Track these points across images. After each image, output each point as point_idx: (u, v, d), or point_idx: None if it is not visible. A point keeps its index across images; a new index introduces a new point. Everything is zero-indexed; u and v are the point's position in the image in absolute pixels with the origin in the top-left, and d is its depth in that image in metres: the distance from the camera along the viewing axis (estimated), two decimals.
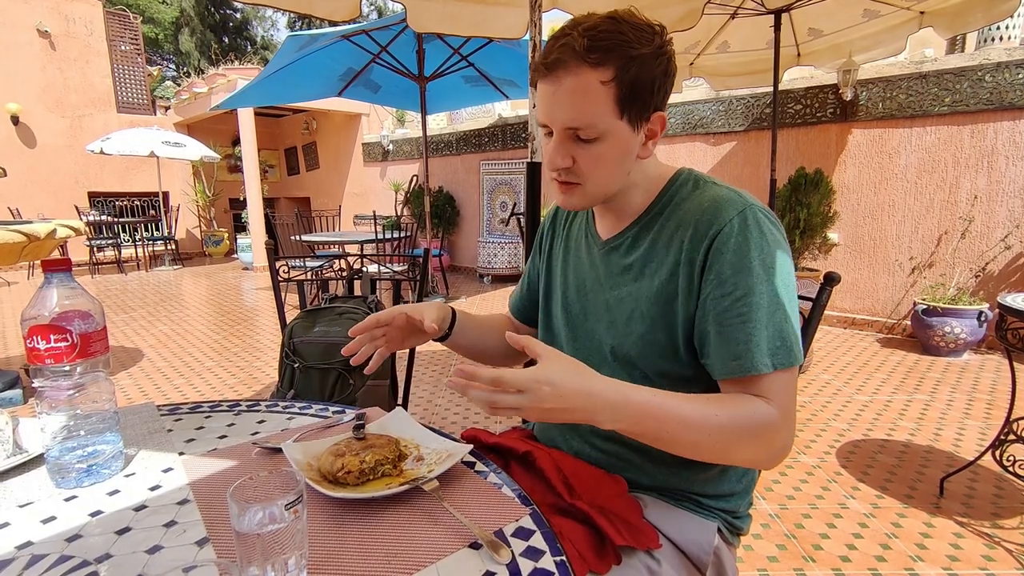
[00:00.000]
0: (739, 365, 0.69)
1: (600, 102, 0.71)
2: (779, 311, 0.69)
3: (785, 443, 0.68)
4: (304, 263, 3.36)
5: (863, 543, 1.69)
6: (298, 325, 1.58)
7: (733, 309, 0.69)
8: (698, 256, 0.72)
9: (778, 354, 0.68)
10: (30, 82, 8.34)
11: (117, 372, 3.50)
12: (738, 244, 0.70)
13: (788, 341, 0.69)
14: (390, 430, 0.82)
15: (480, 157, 7.22)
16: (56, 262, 0.69)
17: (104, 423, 0.73)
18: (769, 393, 0.68)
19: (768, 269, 0.70)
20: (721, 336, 0.70)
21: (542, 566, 0.55)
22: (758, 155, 4.65)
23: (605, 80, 0.70)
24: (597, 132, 0.72)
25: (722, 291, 0.70)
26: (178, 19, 20.00)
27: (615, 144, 0.74)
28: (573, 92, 0.71)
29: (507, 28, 2.42)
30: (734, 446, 0.67)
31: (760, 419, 0.67)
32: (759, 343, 0.68)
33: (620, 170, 0.77)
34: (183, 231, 10.10)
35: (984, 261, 3.68)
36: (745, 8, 3.19)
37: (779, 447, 0.68)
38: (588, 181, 0.77)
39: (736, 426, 0.66)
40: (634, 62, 0.70)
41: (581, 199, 0.79)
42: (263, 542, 0.48)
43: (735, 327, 0.69)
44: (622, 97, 0.71)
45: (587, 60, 0.69)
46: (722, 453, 0.68)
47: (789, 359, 0.68)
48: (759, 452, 0.68)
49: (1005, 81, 3.49)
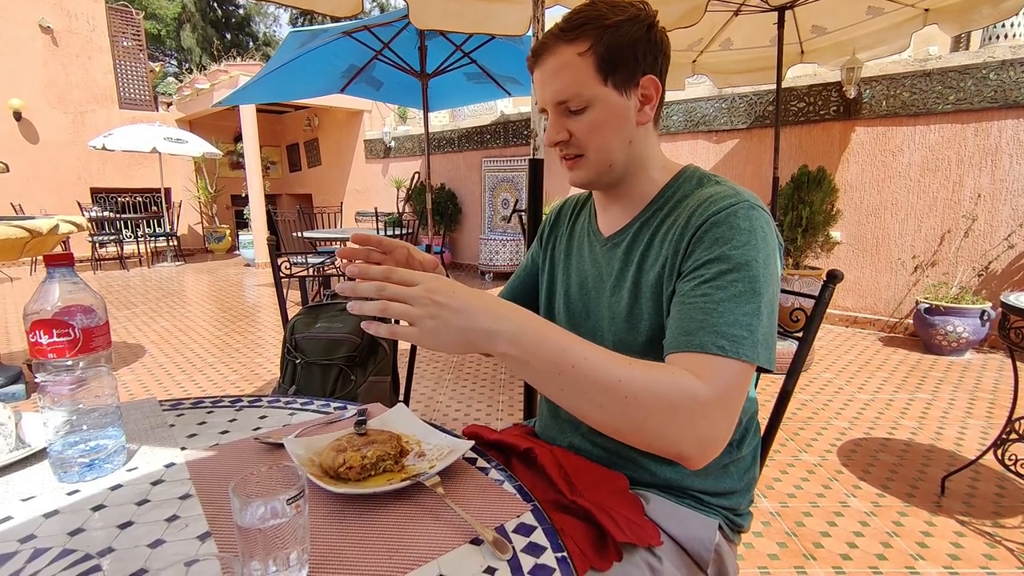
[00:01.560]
0: (686, 340, 0.64)
1: (580, 72, 0.74)
2: (750, 304, 0.65)
3: (714, 432, 0.61)
4: (306, 259, 3.36)
5: (864, 542, 1.69)
6: (300, 321, 1.58)
7: (699, 289, 0.67)
8: (682, 245, 0.73)
9: (736, 342, 0.63)
10: (33, 78, 8.34)
11: (119, 368, 3.51)
12: (721, 233, 0.69)
13: (753, 336, 0.64)
14: (392, 426, 0.82)
15: (482, 154, 7.21)
16: (58, 256, 0.69)
17: (106, 418, 0.73)
18: (706, 373, 0.61)
19: (749, 260, 0.67)
20: (681, 312, 0.68)
21: (543, 562, 0.55)
22: (761, 153, 4.64)
23: (582, 52, 0.74)
24: (584, 101, 0.75)
25: (696, 274, 0.69)
26: (180, 15, 19.99)
27: (605, 110, 0.76)
28: (555, 69, 0.76)
29: (509, 25, 2.41)
30: (646, 413, 0.59)
31: (682, 389, 0.59)
32: (714, 325, 0.64)
33: (618, 137, 0.78)
34: (185, 227, 10.11)
35: (987, 260, 3.67)
36: (748, 5, 3.18)
37: (705, 433, 0.60)
38: (588, 149, 0.79)
39: (649, 389, 0.59)
40: (608, 30, 0.73)
41: (586, 171, 0.81)
42: (265, 537, 0.48)
43: (695, 305, 0.66)
44: (602, 64, 0.74)
45: (563, 39, 0.75)
46: (632, 420, 0.59)
47: (747, 352, 0.63)
48: (678, 428, 0.59)
49: (1010, 79, 3.47)
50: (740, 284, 0.66)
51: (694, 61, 3.93)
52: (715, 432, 0.61)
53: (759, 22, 3.42)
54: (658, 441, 0.61)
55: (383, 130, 8.67)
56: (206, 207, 10.34)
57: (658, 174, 0.83)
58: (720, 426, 0.62)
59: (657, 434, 0.60)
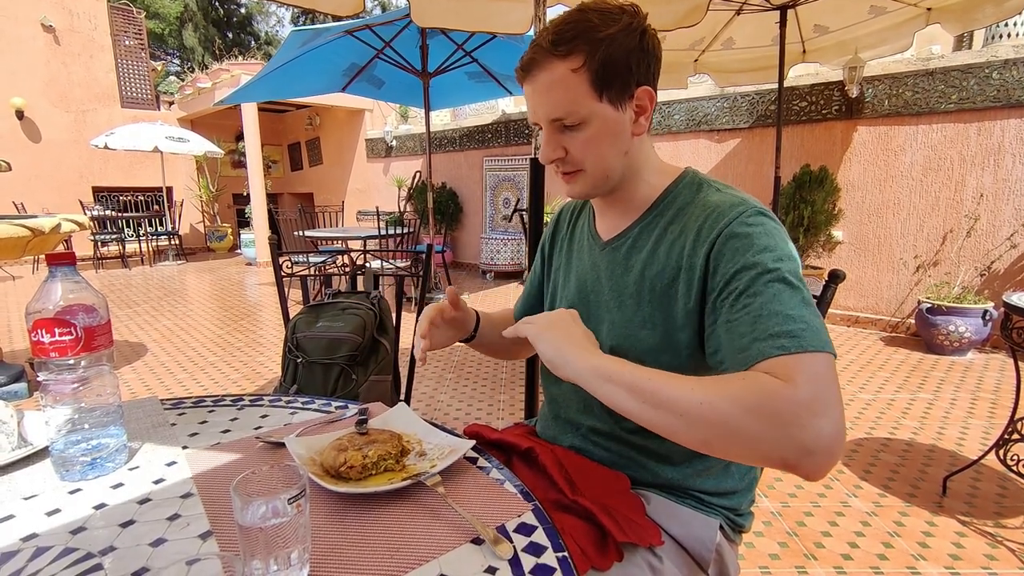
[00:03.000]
0: (744, 357, 0.61)
1: (575, 89, 0.73)
2: (792, 299, 0.62)
3: (815, 431, 0.52)
4: (307, 259, 3.36)
5: (865, 542, 1.69)
6: (301, 320, 1.58)
7: (737, 304, 0.65)
8: (698, 261, 0.71)
9: (795, 337, 0.58)
10: (34, 77, 8.35)
11: (121, 367, 3.52)
12: (739, 244, 0.68)
13: (811, 326, 0.59)
14: (393, 425, 0.82)
15: (483, 153, 7.21)
16: (60, 255, 0.69)
17: (108, 417, 0.73)
18: (779, 373, 0.57)
19: (775, 262, 0.65)
20: (729, 334, 0.65)
21: (544, 562, 0.55)
22: (762, 152, 4.63)
23: (576, 68, 0.72)
24: (580, 118, 0.74)
25: (727, 291, 0.67)
26: (182, 14, 20.00)
27: (601, 126, 0.75)
28: (548, 86, 0.74)
29: (511, 23, 2.41)
30: (736, 420, 0.55)
31: (763, 389, 0.55)
32: (767, 329, 0.60)
33: (615, 150, 0.78)
34: (187, 226, 10.12)
35: (989, 260, 3.66)
36: (751, 4, 3.17)
37: (803, 433, 0.52)
38: (586, 165, 0.78)
39: (732, 395, 0.56)
40: (602, 43, 0.71)
41: (584, 185, 0.81)
42: (266, 536, 0.48)
43: (740, 320, 0.64)
44: (596, 80, 0.72)
45: (555, 53, 0.72)
46: (725, 429, 0.56)
47: (812, 342, 0.58)
48: (772, 433, 0.53)
49: (1012, 78, 3.46)
50: (775, 284, 0.63)
51: (696, 60, 3.93)
52: (816, 431, 0.52)
53: (761, 21, 3.41)
54: (758, 455, 0.56)
55: (384, 129, 8.67)
56: (208, 206, 10.35)
57: (655, 178, 0.82)
58: (819, 422, 0.53)
59: (753, 446, 0.55)
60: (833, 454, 0.53)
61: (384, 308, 1.62)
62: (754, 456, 0.57)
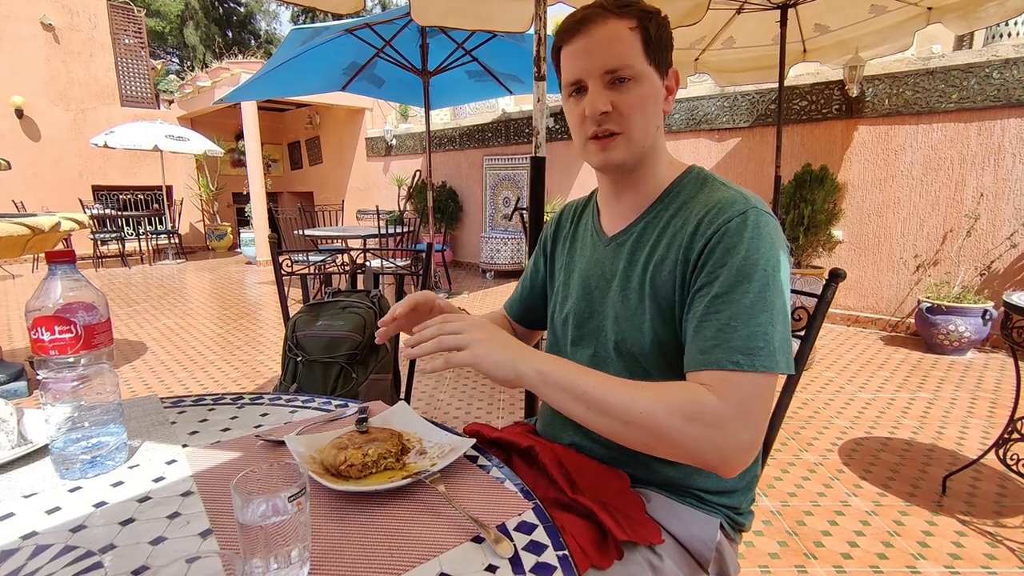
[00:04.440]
0: (703, 359, 0.67)
1: (633, 45, 0.76)
2: (764, 314, 0.66)
3: (738, 442, 0.63)
4: (307, 257, 3.36)
5: (865, 541, 1.69)
6: (301, 319, 1.58)
7: (712, 305, 0.68)
8: (693, 255, 0.73)
9: (752, 355, 0.64)
10: (34, 75, 8.34)
11: (121, 365, 3.52)
12: (731, 243, 0.69)
13: (770, 346, 0.65)
14: (393, 424, 0.82)
15: (483, 152, 7.21)
16: (60, 253, 0.69)
17: (108, 415, 0.73)
18: (725, 388, 0.64)
19: (759, 271, 0.67)
20: (696, 332, 0.69)
21: (544, 560, 0.55)
22: (763, 151, 4.63)
23: (632, 27, 0.76)
24: (634, 72, 0.76)
25: (708, 289, 0.70)
26: (183, 13, 20.00)
27: (650, 88, 0.77)
28: (608, 39, 0.76)
29: (511, 22, 2.41)
30: (664, 430, 0.63)
31: (697, 400, 0.63)
32: (729, 340, 0.65)
33: (654, 119, 0.80)
34: (186, 225, 10.12)
35: (989, 259, 3.66)
36: (751, 3, 3.16)
37: (727, 441, 0.63)
38: (630, 126, 0.77)
39: (664, 400, 0.64)
40: (650, 17, 0.77)
41: (624, 150, 0.79)
42: (266, 534, 0.48)
43: (710, 323, 0.68)
44: (648, 44, 0.76)
45: (614, 12, 0.76)
46: (653, 436, 0.64)
47: (764, 363, 0.64)
48: (695, 441, 0.63)
49: (1013, 78, 3.46)
50: (751, 295, 0.67)
51: (696, 59, 3.92)
52: (737, 442, 0.64)
53: (762, 20, 3.41)
54: (682, 454, 0.66)
55: (384, 128, 8.67)
56: (207, 205, 10.35)
57: (664, 169, 0.84)
58: (742, 436, 0.64)
59: (679, 447, 0.65)
60: (746, 460, 0.65)
61: (384, 307, 1.62)
62: (680, 456, 0.67)
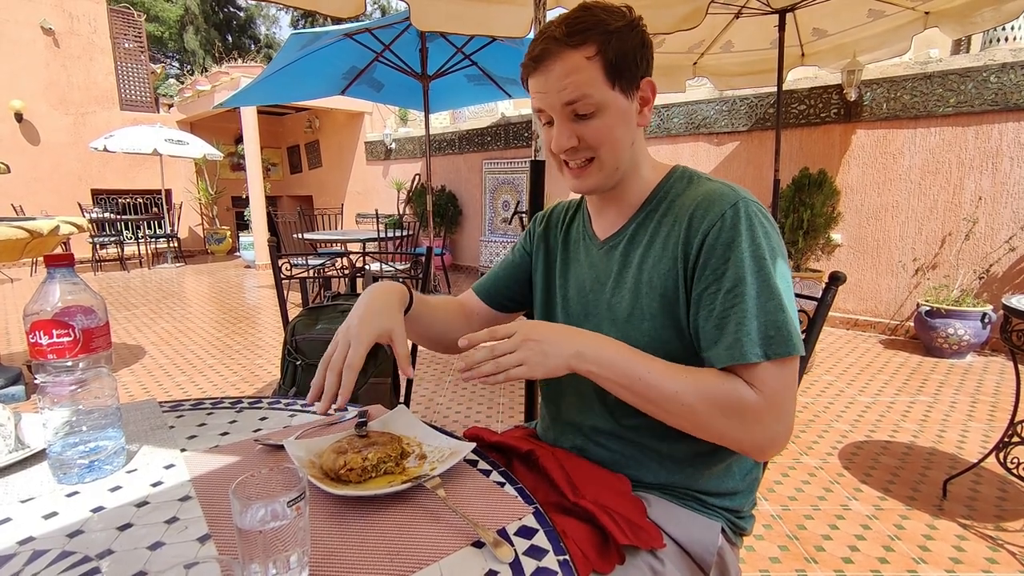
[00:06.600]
0: (730, 355, 0.69)
1: (590, 75, 0.74)
2: (772, 300, 0.69)
3: (772, 433, 0.68)
4: (306, 261, 3.36)
5: (865, 545, 1.69)
6: (300, 323, 1.57)
7: (725, 301, 0.70)
8: (691, 251, 0.74)
9: (771, 343, 0.67)
10: (34, 79, 8.35)
11: (119, 369, 3.51)
12: (729, 237, 0.71)
13: (784, 331, 0.68)
14: (392, 428, 0.82)
15: (483, 156, 7.22)
16: (58, 256, 0.69)
17: (106, 419, 0.73)
18: (756, 381, 0.68)
19: (759, 260, 0.70)
20: (715, 329, 0.71)
21: (545, 565, 0.54)
22: (761, 155, 4.64)
23: (590, 56, 0.74)
24: (594, 104, 0.75)
25: (716, 285, 0.71)
26: (183, 17, 20.05)
27: (614, 114, 0.77)
28: (563, 73, 0.75)
29: (511, 27, 2.41)
30: (706, 420, 0.68)
31: (736, 397, 0.67)
32: (749, 332, 0.68)
33: (626, 139, 0.79)
34: (186, 229, 10.12)
35: (988, 263, 3.67)
36: (750, 7, 3.18)
37: (762, 434, 0.68)
38: (601, 152, 0.78)
39: (706, 395, 0.68)
40: (613, 35, 0.74)
41: (597, 177, 0.80)
42: (265, 539, 0.48)
43: (727, 318, 0.70)
44: (609, 68, 0.75)
45: (569, 44, 0.74)
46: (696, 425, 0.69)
47: (784, 348, 0.67)
48: (736, 430, 0.68)
49: (1010, 82, 3.47)
50: (758, 284, 0.69)
51: (695, 63, 3.94)
52: (772, 432, 0.68)
53: (760, 24, 3.42)
54: (721, 441, 0.71)
55: (384, 132, 8.68)
56: (207, 209, 10.35)
57: (648, 173, 0.84)
58: (776, 426, 0.68)
59: (718, 439, 0.70)
60: (780, 447, 0.70)
61: None
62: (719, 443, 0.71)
